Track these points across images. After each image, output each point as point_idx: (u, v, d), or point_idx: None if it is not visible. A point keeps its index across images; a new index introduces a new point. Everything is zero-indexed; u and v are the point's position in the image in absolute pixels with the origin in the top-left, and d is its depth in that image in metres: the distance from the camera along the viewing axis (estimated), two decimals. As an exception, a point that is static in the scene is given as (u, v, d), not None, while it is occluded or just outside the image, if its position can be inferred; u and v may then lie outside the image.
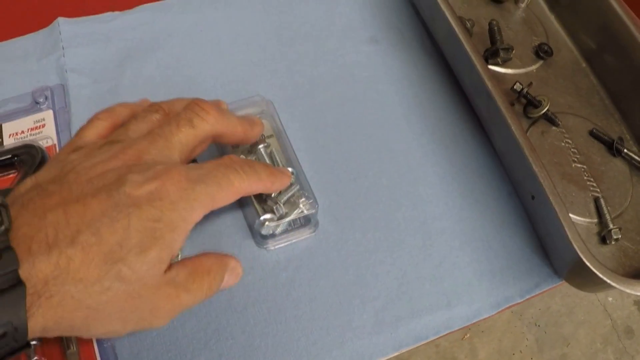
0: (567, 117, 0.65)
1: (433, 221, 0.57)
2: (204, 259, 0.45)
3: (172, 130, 0.43)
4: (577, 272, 0.52)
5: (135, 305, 0.38)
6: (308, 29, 0.67)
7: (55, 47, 0.62)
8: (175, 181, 0.39)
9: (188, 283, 0.42)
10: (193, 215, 0.40)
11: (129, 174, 0.39)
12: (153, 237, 0.38)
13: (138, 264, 0.37)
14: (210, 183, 0.42)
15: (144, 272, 0.38)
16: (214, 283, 0.44)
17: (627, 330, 1.73)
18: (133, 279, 0.37)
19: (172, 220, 0.39)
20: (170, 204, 0.39)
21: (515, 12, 0.72)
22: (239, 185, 0.44)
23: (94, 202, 0.37)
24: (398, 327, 0.53)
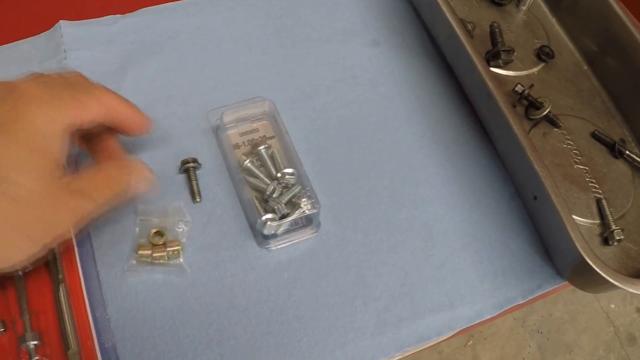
0: (569, 119, 0.65)
1: (435, 222, 0.57)
2: (105, 163, 0.46)
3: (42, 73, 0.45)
4: (580, 272, 0.53)
5: (32, 217, 0.39)
6: (309, 32, 0.67)
7: (57, 50, 0.62)
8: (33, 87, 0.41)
9: (87, 189, 0.43)
10: (61, 113, 0.41)
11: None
12: (27, 147, 0.39)
13: (21, 178, 0.38)
14: (73, 87, 0.44)
15: (30, 183, 0.39)
16: (116, 188, 0.45)
17: (629, 337, 1.73)
18: (21, 193, 0.38)
19: (41, 123, 0.40)
20: (33, 107, 0.40)
21: (517, 15, 0.72)
22: (100, 93, 0.45)
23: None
24: (400, 328, 0.53)
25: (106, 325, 0.49)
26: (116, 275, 0.51)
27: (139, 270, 0.51)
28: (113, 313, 0.50)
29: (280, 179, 0.54)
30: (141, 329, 0.49)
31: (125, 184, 0.47)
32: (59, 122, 0.41)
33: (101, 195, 0.44)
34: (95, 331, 0.48)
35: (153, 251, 0.50)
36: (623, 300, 1.79)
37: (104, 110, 0.45)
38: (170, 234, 0.52)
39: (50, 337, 0.47)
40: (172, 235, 0.52)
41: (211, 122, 0.59)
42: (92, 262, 0.51)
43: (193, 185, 0.55)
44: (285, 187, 0.55)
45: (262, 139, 0.58)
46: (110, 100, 0.46)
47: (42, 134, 0.40)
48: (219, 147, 0.58)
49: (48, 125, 0.40)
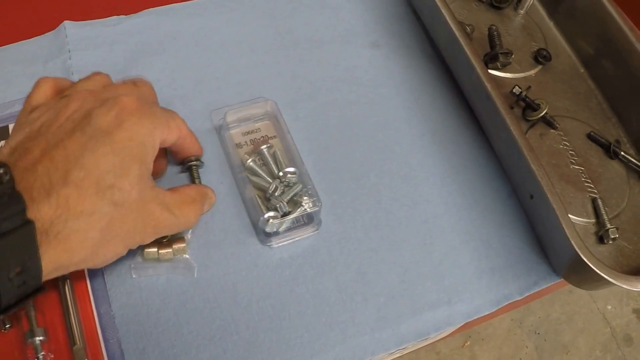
0: (565, 120, 0.66)
1: (434, 220, 0.58)
2: (188, 189, 0.50)
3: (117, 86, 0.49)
4: (575, 269, 0.53)
5: (130, 222, 0.42)
6: (311, 34, 0.68)
7: (61, 50, 0.63)
8: (135, 102, 0.44)
9: (174, 208, 0.47)
10: (156, 130, 0.45)
11: (93, 110, 0.43)
12: (131, 156, 0.42)
13: (125, 184, 0.41)
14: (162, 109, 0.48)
15: (131, 190, 0.42)
16: (197, 211, 0.50)
17: (626, 338, 1.73)
18: (124, 199, 0.41)
19: (142, 135, 0.44)
20: (136, 121, 0.43)
21: (515, 18, 0.73)
22: (180, 122, 0.50)
23: (72, 142, 0.41)
24: (400, 324, 0.53)
25: (111, 321, 0.50)
26: (120, 272, 0.52)
27: (146, 267, 0.51)
28: (117, 309, 0.50)
29: (282, 178, 0.55)
30: (145, 325, 0.50)
31: (202, 208, 0.52)
32: (155, 136, 0.45)
33: (184, 217, 0.48)
34: (100, 327, 0.49)
35: (159, 248, 0.51)
36: (620, 301, 1.80)
37: (179, 136, 0.50)
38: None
39: (56, 333, 0.48)
40: (177, 232, 0.53)
41: (214, 121, 0.60)
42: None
43: (196, 183, 0.56)
44: (287, 185, 0.55)
45: (264, 138, 0.59)
46: (185, 129, 0.51)
47: (143, 144, 0.43)
48: (221, 146, 0.59)
49: (147, 137, 0.44)
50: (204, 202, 0.52)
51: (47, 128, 0.42)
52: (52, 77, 0.49)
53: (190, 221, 0.49)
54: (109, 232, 0.41)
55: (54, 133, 0.41)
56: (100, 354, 0.48)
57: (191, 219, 0.49)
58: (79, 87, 0.47)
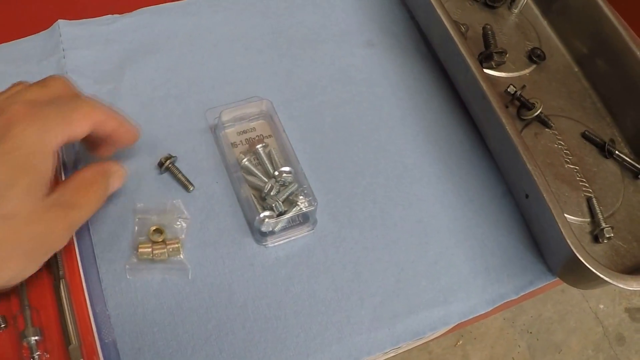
0: (560, 119, 0.66)
1: (429, 220, 0.58)
2: (85, 172, 0.47)
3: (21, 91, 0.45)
4: (571, 268, 0.54)
5: (26, 236, 0.40)
6: (305, 33, 0.68)
7: (55, 49, 0.63)
8: (21, 108, 0.41)
9: (75, 199, 0.44)
10: (50, 135, 0.42)
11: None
12: (17, 167, 0.39)
13: (12, 200, 0.39)
14: (59, 105, 0.44)
15: (21, 202, 0.39)
16: (101, 192, 0.48)
17: (618, 337, 1.74)
18: (14, 212, 0.39)
19: (29, 144, 0.40)
20: (21, 129, 0.40)
21: (509, 17, 0.74)
22: (88, 109, 0.45)
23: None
24: (395, 323, 0.53)
25: (106, 320, 0.50)
26: (116, 272, 0.51)
27: (140, 267, 0.51)
28: (113, 309, 0.50)
29: (278, 177, 0.55)
30: (141, 325, 0.50)
31: (106, 187, 0.49)
32: (48, 141, 0.42)
33: (87, 203, 0.46)
34: (96, 326, 0.49)
35: (153, 248, 0.51)
36: (612, 300, 1.81)
37: (91, 125, 0.46)
38: (169, 231, 0.53)
39: (51, 333, 0.48)
40: (171, 232, 0.53)
41: (209, 121, 0.60)
42: (92, 258, 0.52)
43: (180, 178, 0.56)
44: (283, 185, 0.55)
45: (259, 137, 0.59)
46: (97, 115, 0.46)
47: (32, 153, 0.40)
48: (216, 146, 0.59)
49: (38, 145, 0.41)
50: (108, 179, 0.49)
51: None
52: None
53: (96, 205, 0.47)
54: (3, 247, 0.39)
55: None
56: (95, 354, 0.47)
57: (95, 202, 0.47)
58: None
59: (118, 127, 0.49)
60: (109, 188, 0.49)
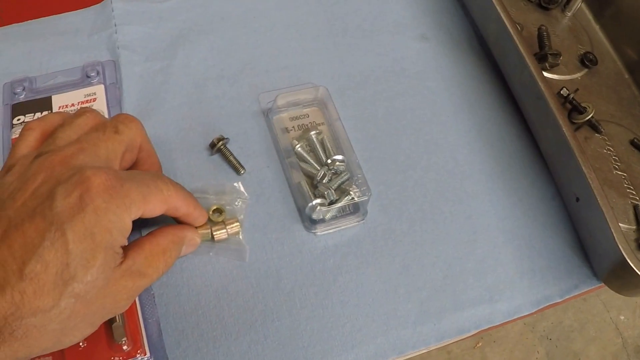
0: (609, 125, 0.65)
1: (478, 217, 0.58)
2: (160, 238, 0.45)
3: (99, 136, 0.44)
4: (619, 274, 0.53)
5: (96, 307, 0.39)
6: (360, 22, 0.68)
7: (107, 23, 0.62)
8: (103, 180, 0.39)
9: (144, 268, 0.42)
10: (127, 213, 0.40)
11: (57, 187, 0.39)
12: (94, 245, 0.38)
13: (88, 276, 0.38)
14: (140, 183, 0.42)
15: (95, 280, 0.38)
16: (170, 260, 0.45)
17: (637, 350, 1.73)
18: (87, 289, 0.38)
19: (108, 221, 0.39)
20: (102, 204, 0.39)
21: (562, 20, 0.73)
22: (167, 194, 0.44)
23: (31, 228, 0.37)
24: (441, 319, 0.53)
25: (151, 300, 0.49)
26: (162, 251, 0.51)
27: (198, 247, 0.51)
28: (157, 288, 0.50)
29: (330, 165, 0.54)
30: (185, 306, 0.50)
31: (178, 254, 0.47)
32: (125, 220, 0.40)
33: (157, 272, 0.44)
34: (140, 305, 0.48)
35: (212, 229, 0.51)
36: (633, 312, 1.80)
37: (166, 210, 0.45)
38: (227, 211, 0.53)
39: (95, 309, 0.47)
40: (230, 212, 0.53)
41: (262, 104, 0.59)
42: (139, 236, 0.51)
43: (232, 160, 0.56)
44: (335, 173, 0.55)
45: (312, 124, 0.58)
46: (174, 201, 0.45)
47: (109, 231, 0.39)
48: (269, 130, 0.58)
49: (115, 223, 0.39)
50: (180, 247, 0.47)
51: (12, 202, 0.39)
52: (39, 122, 0.46)
53: (161, 274, 0.45)
54: (71, 321, 0.38)
55: (17, 210, 0.38)
56: (139, 333, 0.47)
57: (163, 270, 0.45)
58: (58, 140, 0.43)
59: (191, 211, 0.48)
60: (180, 255, 0.48)
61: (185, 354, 0.48)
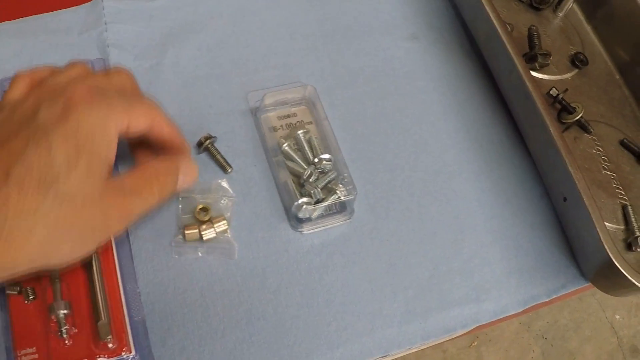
0: (599, 125, 0.65)
1: (465, 217, 0.58)
2: (153, 162, 0.46)
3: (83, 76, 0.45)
4: (606, 274, 0.53)
5: (83, 219, 0.39)
6: (350, 22, 0.68)
7: (97, 22, 0.62)
8: (86, 90, 0.41)
9: (137, 188, 0.43)
10: (112, 120, 0.41)
11: (42, 104, 0.40)
12: (77, 149, 0.39)
13: (71, 180, 0.38)
14: (123, 94, 0.44)
15: (80, 185, 0.39)
16: (165, 186, 0.46)
17: (632, 349, 1.74)
18: (72, 194, 0.38)
19: (91, 126, 0.40)
20: (83, 110, 0.40)
21: (553, 20, 0.73)
22: (152, 107, 0.45)
23: (17, 139, 0.38)
24: (427, 318, 0.53)
25: (137, 298, 0.49)
26: (148, 249, 0.51)
27: (185, 247, 0.51)
28: (144, 287, 0.50)
29: (317, 164, 0.55)
30: (171, 305, 0.50)
31: (174, 181, 0.47)
32: (108, 127, 0.41)
33: (150, 193, 0.44)
34: (126, 303, 0.48)
35: (200, 229, 0.51)
36: (628, 311, 1.81)
37: (150, 124, 0.45)
38: (214, 209, 0.53)
39: (80, 307, 0.47)
40: (216, 210, 0.53)
41: (250, 103, 0.59)
42: (125, 235, 0.52)
43: (219, 159, 0.56)
44: (322, 172, 0.55)
45: (300, 123, 0.58)
46: (157, 116, 0.46)
47: (92, 136, 0.40)
48: (256, 129, 0.58)
49: (97, 129, 0.40)
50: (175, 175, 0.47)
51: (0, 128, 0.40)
52: (29, 71, 0.46)
53: (157, 198, 0.45)
54: (56, 230, 0.38)
55: (4, 131, 0.40)
56: (124, 331, 0.47)
57: (158, 195, 0.45)
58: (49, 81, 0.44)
59: (175, 135, 0.48)
60: (177, 184, 0.47)
61: (171, 352, 0.48)
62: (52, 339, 0.45)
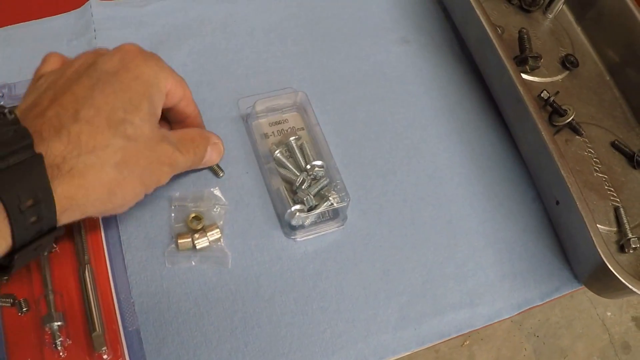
0: (590, 127, 0.66)
1: (458, 221, 0.58)
2: (188, 129, 0.50)
3: None
4: (599, 277, 0.53)
5: (145, 159, 0.43)
6: (341, 26, 0.68)
7: (86, 29, 0.62)
8: (138, 48, 0.46)
9: (179, 145, 0.47)
10: (163, 75, 0.46)
11: (98, 58, 0.44)
12: (139, 93, 0.43)
13: (137, 120, 0.42)
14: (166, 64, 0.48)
15: (143, 126, 0.43)
16: (199, 150, 0.50)
17: (624, 345, 1.74)
18: (137, 134, 0.42)
19: (148, 77, 0.44)
20: (141, 63, 0.44)
21: (543, 22, 0.73)
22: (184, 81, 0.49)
23: (79, 87, 0.41)
24: (422, 323, 0.53)
25: (131, 308, 0.49)
26: (141, 259, 0.51)
27: (178, 256, 0.51)
28: (137, 297, 0.50)
29: (310, 171, 0.54)
30: (165, 314, 0.50)
31: (204, 150, 0.52)
32: (161, 81, 0.45)
33: (188, 154, 0.48)
34: (120, 314, 0.48)
35: (193, 238, 0.51)
36: (619, 308, 1.81)
37: (181, 97, 0.49)
38: (206, 217, 0.53)
39: (74, 319, 0.47)
40: (209, 219, 0.53)
41: (241, 110, 0.59)
42: (118, 245, 0.51)
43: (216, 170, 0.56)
44: (314, 179, 0.55)
45: (292, 130, 0.58)
46: (188, 91, 0.50)
47: (149, 83, 0.44)
48: (248, 136, 0.58)
49: (153, 78, 0.44)
50: (206, 144, 0.52)
51: (53, 84, 0.43)
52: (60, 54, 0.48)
53: (193, 159, 0.50)
54: (124, 168, 0.41)
55: (61, 85, 0.42)
56: (119, 342, 0.47)
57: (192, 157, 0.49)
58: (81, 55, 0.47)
59: (197, 114, 0.54)
60: (206, 154, 0.52)
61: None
62: (46, 351, 0.45)
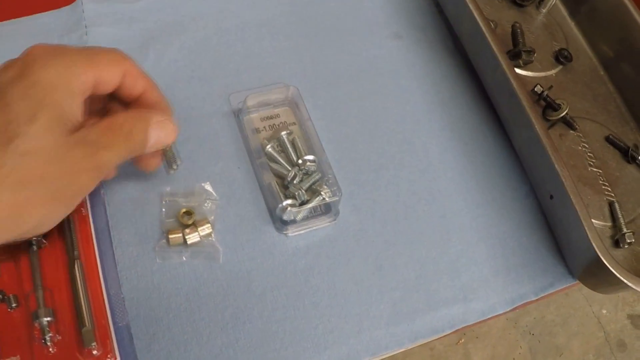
0: (584, 122, 0.65)
1: (452, 216, 0.58)
2: (117, 115, 0.43)
3: None
4: (593, 272, 0.53)
5: (50, 176, 0.38)
6: (333, 21, 0.67)
7: (77, 25, 0.62)
8: (42, 48, 0.40)
9: (104, 139, 0.41)
10: (72, 71, 0.40)
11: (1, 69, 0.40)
12: (37, 102, 0.38)
13: (32, 134, 0.37)
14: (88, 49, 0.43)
15: (42, 140, 0.37)
16: (132, 136, 0.43)
17: (619, 343, 1.74)
18: (35, 147, 0.37)
19: (50, 80, 0.39)
20: (41, 67, 0.39)
21: (537, 16, 0.73)
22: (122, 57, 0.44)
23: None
24: (415, 319, 0.53)
25: (121, 304, 0.49)
26: (132, 254, 0.51)
27: (169, 251, 0.51)
28: (128, 292, 0.49)
29: (301, 166, 0.54)
30: (156, 310, 0.49)
31: (144, 134, 0.45)
32: (69, 81, 0.40)
33: (117, 145, 0.42)
34: (110, 309, 0.48)
35: (184, 233, 0.50)
36: (615, 306, 1.81)
37: (121, 73, 0.44)
38: (197, 212, 0.52)
39: (64, 314, 0.46)
40: (200, 214, 0.52)
41: (233, 105, 0.59)
42: (108, 240, 0.51)
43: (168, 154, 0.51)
44: (306, 173, 0.54)
45: (283, 124, 0.58)
46: (129, 66, 0.45)
47: (53, 89, 0.39)
48: (239, 131, 0.58)
49: (59, 80, 0.39)
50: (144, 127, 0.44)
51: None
52: None
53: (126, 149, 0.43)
54: (23, 188, 0.37)
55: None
56: (109, 337, 0.46)
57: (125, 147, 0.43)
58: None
59: (150, 88, 0.47)
60: (148, 137, 0.45)
61: (157, 357, 0.48)
62: (35, 346, 0.45)
